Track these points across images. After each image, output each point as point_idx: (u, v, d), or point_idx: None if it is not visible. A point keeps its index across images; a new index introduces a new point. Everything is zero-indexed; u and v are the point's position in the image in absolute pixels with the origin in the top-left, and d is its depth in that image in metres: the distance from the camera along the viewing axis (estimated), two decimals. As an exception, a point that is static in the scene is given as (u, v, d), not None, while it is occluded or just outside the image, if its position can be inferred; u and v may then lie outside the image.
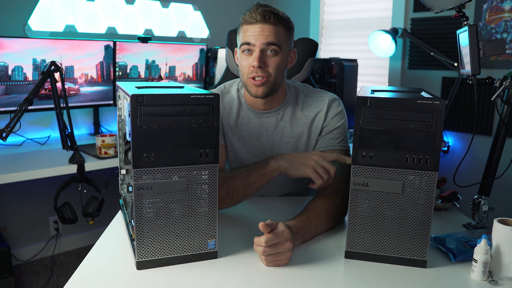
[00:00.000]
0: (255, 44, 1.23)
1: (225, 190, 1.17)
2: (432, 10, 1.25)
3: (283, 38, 1.25)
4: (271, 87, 1.27)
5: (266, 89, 1.27)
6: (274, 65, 1.25)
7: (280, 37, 1.24)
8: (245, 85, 1.30)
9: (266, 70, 1.25)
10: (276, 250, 0.95)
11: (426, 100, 0.92)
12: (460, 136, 2.60)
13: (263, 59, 1.24)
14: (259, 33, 1.22)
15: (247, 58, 1.26)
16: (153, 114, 0.89)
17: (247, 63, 1.26)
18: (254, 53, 1.24)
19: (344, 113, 1.39)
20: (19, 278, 2.46)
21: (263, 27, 1.23)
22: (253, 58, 1.24)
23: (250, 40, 1.23)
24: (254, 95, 1.28)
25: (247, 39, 1.24)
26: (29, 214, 2.62)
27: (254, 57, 1.24)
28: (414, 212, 0.96)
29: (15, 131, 1.82)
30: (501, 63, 2.36)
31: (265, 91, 1.27)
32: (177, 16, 3.04)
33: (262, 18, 1.22)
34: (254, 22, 1.23)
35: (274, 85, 1.28)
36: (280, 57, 1.26)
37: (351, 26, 3.12)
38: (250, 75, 1.26)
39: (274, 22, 1.23)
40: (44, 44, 2.23)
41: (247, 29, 1.24)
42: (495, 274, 0.94)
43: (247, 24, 1.24)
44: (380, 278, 0.93)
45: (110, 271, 0.95)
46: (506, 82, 1.13)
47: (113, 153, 2.09)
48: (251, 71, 1.25)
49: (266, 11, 1.22)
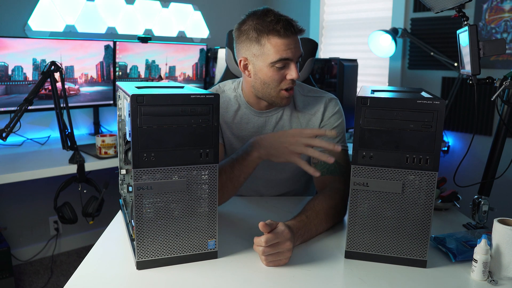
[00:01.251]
0: (292, 59, 1.22)
1: None
2: (432, 10, 1.25)
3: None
4: None
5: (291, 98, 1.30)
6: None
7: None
8: (271, 96, 1.27)
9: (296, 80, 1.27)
10: (276, 250, 0.95)
11: (426, 100, 0.92)
12: (460, 136, 2.60)
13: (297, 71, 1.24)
14: (295, 47, 1.21)
15: (279, 71, 1.23)
16: (153, 114, 0.89)
17: (279, 76, 1.23)
18: (291, 66, 1.22)
19: (342, 112, 1.39)
20: (19, 278, 2.46)
21: (296, 40, 1.22)
22: (292, 71, 1.22)
23: (289, 55, 1.20)
24: (284, 105, 1.30)
25: (285, 54, 1.19)
26: (29, 214, 2.62)
27: (293, 71, 1.22)
28: (414, 212, 0.96)
29: (15, 131, 1.82)
30: (501, 63, 2.36)
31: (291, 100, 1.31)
32: (177, 16, 3.04)
33: (297, 31, 1.21)
34: (290, 36, 1.19)
35: None
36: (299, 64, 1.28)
37: (351, 26, 3.12)
38: (284, 87, 1.25)
39: (298, 32, 1.23)
40: (44, 44, 2.23)
41: (283, 43, 1.19)
42: (495, 274, 0.94)
43: (281, 38, 1.18)
44: (380, 278, 0.93)
45: (110, 271, 0.95)
46: (506, 82, 1.13)
47: (113, 153, 2.09)
48: (286, 84, 1.24)
49: (297, 24, 1.21)
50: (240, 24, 1.26)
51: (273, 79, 1.23)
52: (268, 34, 1.19)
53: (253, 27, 1.21)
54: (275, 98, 1.28)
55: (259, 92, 1.29)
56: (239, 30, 1.26)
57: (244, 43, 1.25)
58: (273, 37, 1.19)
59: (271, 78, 1.23)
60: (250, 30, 1.22)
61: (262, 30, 1.19)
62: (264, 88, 1.26)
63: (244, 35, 1.24)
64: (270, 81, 1.24)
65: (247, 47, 1.24)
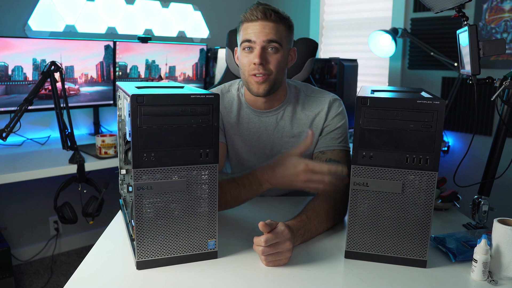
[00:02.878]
0: (256, 41, 1.23)
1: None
2: (432, 10, 1.25)
3: (283, 36, 1.25)
4: (272, 85, 1.27)
5: (267, 87, 1.27)
6: (275, 62, 1.25)
7: (280, 34, 1.24)
8: (246, 83, 1.30)
9: (267, 67, 1.25)
10: (276, 250, 0.95)
11: (426, 100, 0.92)
12: (460, 136, 2.60)
13: (264, 56, 1.24)
14: (260, 30, 1.23)
15: (248, 56, 1.26)
16: (153, 114, 0.89)
17: (247, 61, 1.26)
18: (255, 50, 1.24)
19: (345, 113, 1.39)
20: (19, 278, 2.46)
21: (264, 25, 1.23)
22: (254, 55, 1.24)
23: (251, 37, 1.23)
24: (256, 93, 1.28)
25: (248, 36, 1.24)
26: (29, 214, 2.62)
27: (255, 54, 1.23)
28: (414, 212, 0.96)
29: (15, 131, 1.82)
30: (501, 63, 2.36)
31: (266, 89, 1.27)
32: (177, 16, 3.04)
33: (263, 16, 1.22)
34: (255, 20, 1.23)
35: (275, 83, 1.28)
36: (280, 54, 1.26)
37: (351, 26, 3.12)
38: (251, 72, 1.25)
39: (275, 20, 1.23)
40: (44, 44, 2.23)
41: (248, 27, 1.25)
42: (495, 274, 0.94)
43: (247, 22, 1.25)
44: (380, 278, 0.93)
45: (110, 271, 0.95)
46: (506, 82, 1.13)
47: (113, 153, 2.09)
48: (252, 68, 1.25)
49: (266, 9, 1.23)
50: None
51: (242, 63, 1.28)
52: (243, 20, 1.27)
53: (240, 19, 1.29)
54: (249, 84, 1.29)
55: (243, 82, 1.33)
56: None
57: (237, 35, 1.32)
58: (244, 22, 1.27)
59: (241, 62, 1.29)
60: (239, 22, 1.30)
61: (242, 19, 1.28)
62: (242, 75, 1.31)
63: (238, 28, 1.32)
64: (241, 65, 1.29)
65: (237, 38, 1.31)
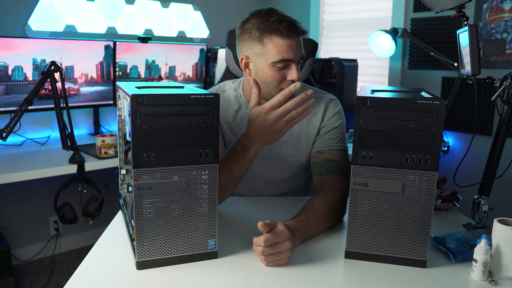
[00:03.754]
0: (294, 60, 1.21)
1: None
2: (432, 10, 1.25)
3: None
4: None
5: None
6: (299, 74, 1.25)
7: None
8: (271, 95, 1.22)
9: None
10: (275, 250, 0.95)
11: (426, 100, 0.92)
12: (460, 136, 2.60)
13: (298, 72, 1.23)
14: (297, 48, 1.20)
15: (280, 71, 1.22)
16: (153, 114, 0.89)
17: (280, 76, 1.22)
18: (292, 67, 1.21)
19: (342, 113, 1.39)
20: (19, 278, 2.46)
21: (298, 41, 1.21)
22: (293, 73, 1.21)
23: (290, 56, 1.19)
24: None
25: (287, 55, 1.19)
26: (29, 214, 2.62)
27: (294, 72, 1.21)
28: (414, 212, 0.96)
29: (15, 131, 1.82)
30: (501, 63, 2.36)
31: None
32: (177, 16, 3.04)
33: (298, 32, 1.20)
34: (292, 37, 1.19)
35: None
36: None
37: (351, 26, 3.12)
38: (285, 87, 1.20)
39: (301, 34, 1.22)
40: (44, 44, 2.23)
41: (285, 44, 1.18)
42: (495, 274, 0.94)
43: (283, 39, 1.18)
44: (380, 278, 0.93)
45: (110, 271, 0.95)
46: (506, 82, 1.13)
47: (113, 153, 2.09)
48: (287, 84, 1.23)
49: (300, 25, 1.20)
50: (243, 23, 1.25)
51: (273, 79, 1.23)
52: (271, 34, 1.18)
53: (256, 26, 1.20)
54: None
55: (265, 93, 1.27)
56: (242, 28, 1.25)
57: (246, 42, 1.24)
58: (275, 37, 1.18)
59: (272, 78, 1.23)
60: (253, 29, 1.21)
61: (265, 30, 1.19)
62: (264, 88, 1.25)
63: (247, 34, 1.23)
64: (270, 80, 1.23)
65: (249, 45, 1.23)
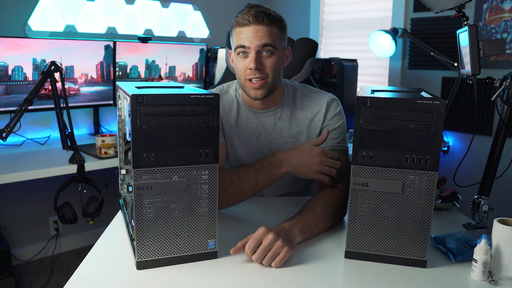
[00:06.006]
0: (250, 47, 1.23)
1: (232, 191, 1.19)
2: (432, 10, 1.25)
3: (277, 38, 1.25)
4: (269, 88, 1.28)
5: (265, 91, 1.28)
6: (271, 66, 1.25)
7: (274, 37, 1.24)
8: (243, 87, 1.30)
9: (263, 71, 1.25)
10: (265, 251, 0.95)
11: (426, 100, 0.92)
12: (460, 136, 2.60)
13: (259, 61, 1.23)
14: (253, 35, 1.22)
15: (243, 61, 1.26)
16: (153, 114, 0.89)
17: (243, 66, 1.26)
18: (250, 55, 1.24)
19: (343, 113, 1.40)
20: (19, 278, 2.46)
21: (257, 29, 1.22)
22: (249, 60, 1.23)
23: (244, 42, 1.23)
24: (254, 97, 1.29)
25: (242, 41, 1.23)
26: (29, 214, 2.62)
27: (250, 59, 1.23)
28: (414, 212, 0.96)
29: (15, 131, 1.82)
30: (501, 63, 2.36)
31: (264, 93, 1.28)
32: (177, 16, 3.04)
33: (255, 20, 1.21)
34: (247, 24, 1.22)
35: (272, 86, 1.29)
36: (275, 57, 1.26)
37: (351, 26, 3.12)
38: (247, 77, 1.26)
39: (267, 23, 1.23)
40: (44, 44, 2.23)
41: (241, 31, 1.24)
42: (495, 274, 0.94)
43: (240, 26, 1.24)
44: (380, 278, 0.93)
45: (110, 271, 0.95)
46: (506, 82, 1.13)
47: (113, 153, 2.09)
48: (248, 74, 1.25)
49: (258, 12, 1.22)
50: None
51: (238, 68, 1.28)
52: (235, 24, 1.26)
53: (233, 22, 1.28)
54: (246, 89, 1.29)
55: (239, 85, 1.33)
56: None
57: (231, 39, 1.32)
58: (236, 26, 1.26)
59: (237, 67, 1.29)
60: (232, 25, 1.29)
61: (234, 23, 1.27)
62: (238, 79, 1.31)
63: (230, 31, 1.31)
64: (237, 70, 1.29)
65: (230, 39, 1.32)
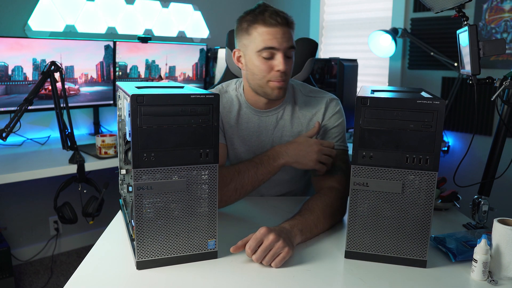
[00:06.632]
0: (279, 48, 1.22)
1: (233, 187, 1.20)
2: (432, 10, 1.25)
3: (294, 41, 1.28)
4: (286, 88, 1.30)
5: (284, 91, 1.30)
6: (291, 67, 1.27)
7: (293, 40, 1.26)
8: (260, 87, 1.28)
9: (286, 72, 1.25)
10: (266, 251, 0.95)
11: (426, 100, 0.92)
12: (460, 136, 2.60)
13: (286, 63, 1.24)
14: (282, 37, 1.21)
15: (267, 62, 1.23)
16: (153, 114, 0.89)
17: (267, 67, 1.23)
18: (277, 57, 1.22)
19: (342, 113, 1.40)
20: (19, 278, 2.46)
21: (284, 30, 1.22)
22: (279, 62, 1.22)
23: (274, 44, 1.21)
24: (276, 97, 1.29)
25: (270, 43, 1.21)
26: (29, 214, 2.62)
27: (279, 62, 1.22)
28: (414, 212, 0.96)
29: (15, 131, 1.82)
30: (501, 63, 2.36)
31: (283, 92, 1.30)
32: (177, 16, 3.04)
33: (284, 21, 1.21)
34: (275, 25, 1.20)
35: (288, 85, 1.32)
36: (293, 58, 1.28)
37: (351, 26, 3.12)
38: (271, 78, 1.25)
39: (291, 26, 1.24)
40: (44, 44, 2.23)
41: (268, 32, 1.21)
42: (495, 274, 0.94)
43: (266, 26, 1.21)
44: (380, 278, 0.93)
45: (110, 271, 0.95)
46: (506, 82, 1.13)
47: (113, 153, 2.09)
48: (274, 75, 1.24)
49: (285, 15, 1.23)
50: (238, 20, 1.30)
51: (260, 69, 1.24)
52: (255, 23, 1.23)
53: (245, 19, 1.26)
54: (265, 89, 1.28)
55: (251, 84, 1.31)
56: (236, 25, 1.30)
57: (238, 36, 1.30)
58: (259, 26, 1.22)
59: (258, 68, 1.25)
60: (243, 22, 1.26)
61: (251, 20, 1.24)
62: (254, 80, 1.28)
63: (239, 28, 1.29)
64: (257, 71, 1.25)
65: (239, 38, 1.29)
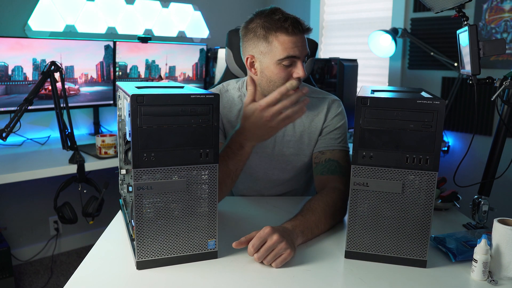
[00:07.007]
0: (300, 57, 1.22)
1: None
2: (432, 10, 1.25)
3: None
4: None
5: None
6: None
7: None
8: None
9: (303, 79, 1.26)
10: (268, 250, 0.95)
11: (426, 100, 0.92)
12: (460, 136, 2.60)
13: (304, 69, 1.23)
14: (302, 45, 1.21)
15: (286, 69, 1.23)
16: (153, 114, 0.89)
17: (286, 74, 1.23)
18: (298, 64, 1.22)
19: (344, 114, 1.40)
20: (19, 278, 2.46)
21: (303, 38, 1.22)
22: (299, 70, 1.21)
23: (295, 53, 1.20)
24: None
25: (293, 51, 1.20)
26: (29, 214, 2.62)
27: (300, 69, 1.21)
28: (414, 212, 0.96)
29: (15, 131, 1.82)
30: (501, 63, 2.36)
31: None
32: (177, 16, 3.04)
33: (304, 29, 1.21)
34: (297, 33, 1.20)
35: None
36: None
37: (351, 26, 3.12)
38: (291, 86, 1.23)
39: (308, 33, 1.24)
40: (44, 44, 2.23)
41: (290, 41, 1.19)
42: (495, 274, 0.94)
43: (288, 36, 1.19)
44: (380, 278, 0.93)
45: (110, 271, 0.95)
46: (506, 82, 1.13)
47: (113, 153, 2.09)
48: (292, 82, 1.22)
49: (304, 23, 1.22)
50: (247, 23, 1.26)
51: (279, 77, 1.23)
52: (276, 31, 1.19)
53: (261, 25, 1.21)
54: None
55: (266, 90, 1.27)
56: (246, 28, 1.26)
57: (251, 41, 1.24)
58: (281, 35, 1.19)
59: (278, 76, 1.23)
60: (258, 27, 1.22)
61: (270, 28, 1.20)
62: (270, 86, 1.25)
63: (252, 33, 1.24)
64: (276, 78, 1.24)
65: (254, 44, 1.24)
